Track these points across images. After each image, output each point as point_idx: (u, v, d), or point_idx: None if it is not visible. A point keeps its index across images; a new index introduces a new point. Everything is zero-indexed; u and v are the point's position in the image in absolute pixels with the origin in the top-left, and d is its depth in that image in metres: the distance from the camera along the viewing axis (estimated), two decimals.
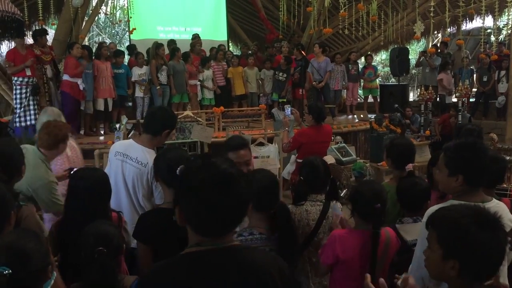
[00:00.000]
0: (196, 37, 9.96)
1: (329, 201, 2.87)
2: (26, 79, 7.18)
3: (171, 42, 9.30)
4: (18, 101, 7.27)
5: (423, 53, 11.12)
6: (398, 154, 3.12)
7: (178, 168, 2.48)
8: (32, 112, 7.25)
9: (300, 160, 4.39)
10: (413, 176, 2.97)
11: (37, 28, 9.33)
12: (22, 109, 7.22)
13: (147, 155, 2.95)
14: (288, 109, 5.57)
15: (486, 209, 1.56)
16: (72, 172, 2.69)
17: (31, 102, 7.25)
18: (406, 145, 3.20)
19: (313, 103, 5.52)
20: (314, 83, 9.23)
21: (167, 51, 8.93)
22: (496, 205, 2.10)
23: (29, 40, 9.05)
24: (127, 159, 2.98)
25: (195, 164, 1.38)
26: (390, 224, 2.63)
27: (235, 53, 11.51)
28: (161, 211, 2.45)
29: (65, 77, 7.51)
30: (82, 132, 8.09)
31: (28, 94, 7.23)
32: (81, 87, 7.55)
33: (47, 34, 8.16)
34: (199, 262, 1.31)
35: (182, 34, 11.42)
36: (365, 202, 2.41)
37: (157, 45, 8.66)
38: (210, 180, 1.30)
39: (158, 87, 8.51)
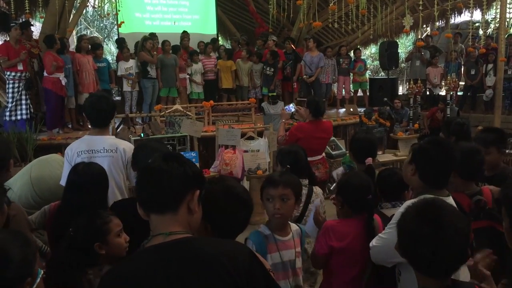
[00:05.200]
0: (183, 33, 9.88)
1: (312, 186, 3.08)
2: (19, 74, 7.12)
3: (152, 36, 9.10)
4: (10, 95, 7.19)
5: (417, 48, 11.11)
6: (359, 148, 3.23)
7: (150, 160, 2.54)
8: (24, 106, 7.19)
9: None
10: (372, 170, 2.99)
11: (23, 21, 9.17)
12: (14, 103, 7.15)
13: (112, 141, 3.02)
14: (290, 106, 5.59)
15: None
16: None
17: (23, 97, 7.19)
18: (367, 139, 3.30)
19: (311, 97, 5.49)
20: (304, 76, 9.23)
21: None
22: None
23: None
24: (95, 153, 2.97)
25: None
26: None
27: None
28: (130, 201, 2.55)
29: (46, 73, 7.25)
30: (70, 126, 8.01)
31: (21, 89, 7.16)
32: (63, 82, 7.32)
33: (32, 25, 8.02)
34: (142, 258, 1.37)
35: (167, 29, 11.30)
36: (355, 194, 2.43)
37: (144, 39, 8.58)
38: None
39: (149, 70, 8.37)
